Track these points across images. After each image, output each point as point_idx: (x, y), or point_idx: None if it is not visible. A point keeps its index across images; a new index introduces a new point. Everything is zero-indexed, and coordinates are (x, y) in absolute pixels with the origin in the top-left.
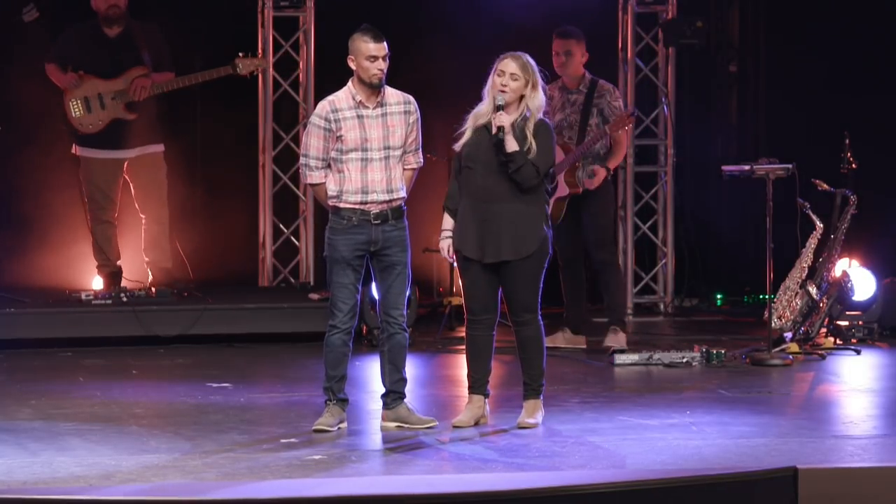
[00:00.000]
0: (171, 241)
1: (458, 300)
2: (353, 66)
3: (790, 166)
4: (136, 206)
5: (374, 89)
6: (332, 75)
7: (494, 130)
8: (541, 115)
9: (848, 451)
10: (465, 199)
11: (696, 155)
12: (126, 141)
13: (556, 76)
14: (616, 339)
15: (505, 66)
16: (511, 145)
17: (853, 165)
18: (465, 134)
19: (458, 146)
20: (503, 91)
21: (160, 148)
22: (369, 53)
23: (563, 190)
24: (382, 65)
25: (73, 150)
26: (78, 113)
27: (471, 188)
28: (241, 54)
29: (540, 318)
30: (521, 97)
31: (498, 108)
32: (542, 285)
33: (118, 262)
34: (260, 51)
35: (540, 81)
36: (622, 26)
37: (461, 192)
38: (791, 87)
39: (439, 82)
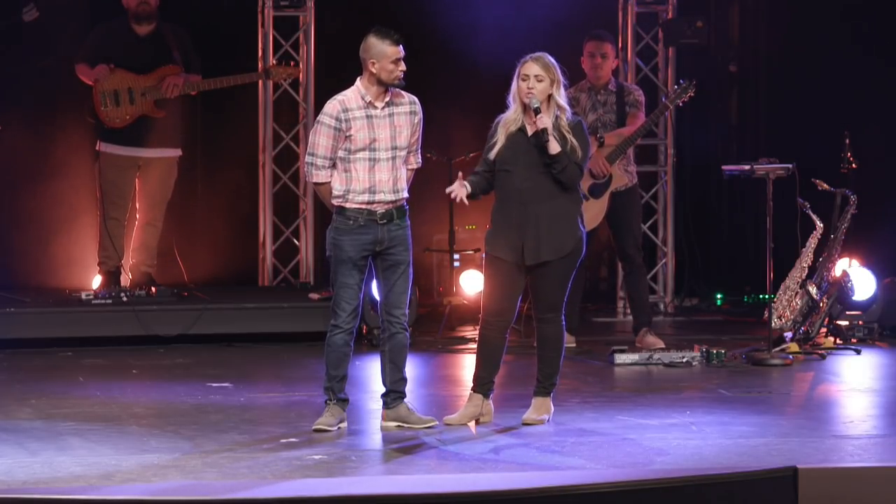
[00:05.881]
0: (171, 246)
1: (459, 300)
2: (373, 69)
3: (790, 166)
4: (136, 204)
5: (386, 89)
6: (332, 75)
7: (532, 131)
8: (571, 113)
9: (848, 451)
10: (499, 202)
11: (696, 155)
12: (147, 140)
13: (579, 76)
14: (655, 341)
15: (528, 70)
16: (554, 146)
17: (853, 165)
18: (497, 141)
19: (492, 154)
20: (531, 94)
21: (177, 152)
22: (396, 56)
23: (619, 181)
24: (403, 66)
25: (96, 147)
26: (106, 106)
27: (508, 191)
28: (273, 62)
29: (563, 317)
30: (549, 97)
31: (536, 111)
32: (570, 285)
33: (120, 262)
34: (260, 50)
35: (562, 79)
36: (622, 26)
37: (495, 196)
38: (791, 87)
39: (439, 82)
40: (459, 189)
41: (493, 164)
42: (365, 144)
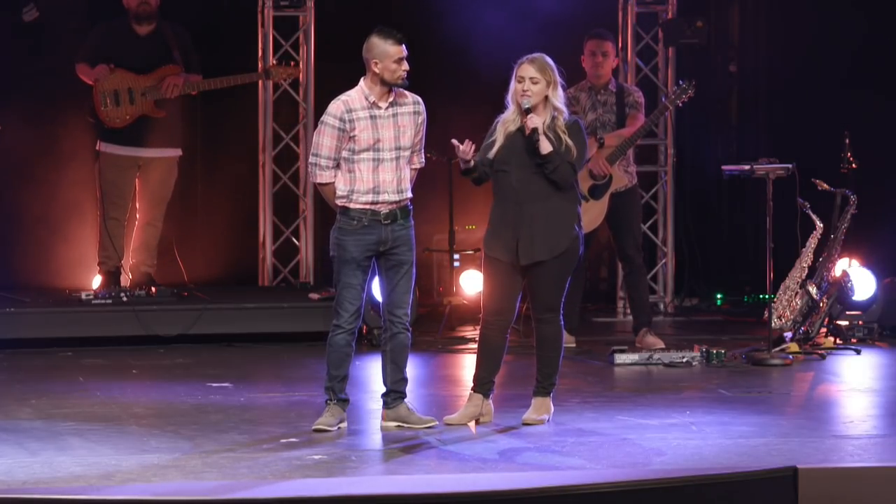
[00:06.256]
0: (171, 246)
1: (459, 300)
2: (376, 69)
3: (790, 166)
4: (137, 204)
5: (390, 89)
6: (332, 75)
7: (528, 132)
8: (569, 114)
9: (848, 451)
10: (496, 202)
11: (696, 155)
12: (146, 140)
13: (579, 76)
14: (655, 341)
15: (524, 72)
16: (545, 146)
17: (853, 165)
18: (496, 140)
19: (491, 153)
20: (526, 96)
21: (177, 152)
22: (399, 56)
23: (619, 182)
24: (406, 65)
25: (96, 147)
26: (106, 106)
27: (504, 191)
28: (273, 62)
29: (561, 317)
30: (546, 98)
31: (527, 112)
32: (567, 285)
33: (120, 262)
34: (260, 50)
35: (559, 80)
36: (622, 26)
37: (493, 196)
38: (791, 87)
39: (439, 82)
40: (468, 148)
41: (491, 163)
42: (369, 145)
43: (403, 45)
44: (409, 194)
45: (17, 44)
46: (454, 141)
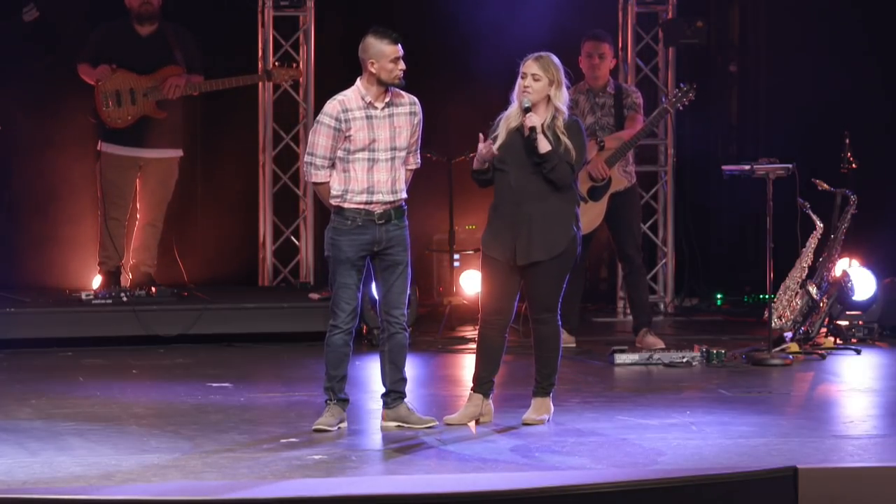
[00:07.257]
0: (171, 246)
1: (459, 300)
2: (372, 69)
3: (790, 166)
4: (137, 204)
5: (386, 89)
6: (332, 75)
7: (526, 132)
8: (570, 114)
9: (848, 451)
10: (495, 200)
11: (696, 155)
12: (148, 140)
13: (579, 77)
14: (655, 341)
15: (527, 68)
16: (544, 146)
17: (853, 165)
18: (498, 136)
19: (494, 148)
20: (526, 93)
21: (178, 153)
22: (395, 55)
23: (618, 184)
24: (403, 65)
25: (97, 147)
26: (108, 106)
27: (503, 190)
28: (276, 63)
29: (559, 317)
30: (548, 97)
31: (526, 110)
32: (564, 285)
33: (121, 262)
34: (260, 50)
35: (564, 80)
36: (622, 26)
37: (493, 195)
38: (791, 87)
39: (438, 82)
40: (489, 147)
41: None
42: (364, 145)
43: (399, 45)
44: (404, 195)
45: (18, 44)
46: (481, 135)
